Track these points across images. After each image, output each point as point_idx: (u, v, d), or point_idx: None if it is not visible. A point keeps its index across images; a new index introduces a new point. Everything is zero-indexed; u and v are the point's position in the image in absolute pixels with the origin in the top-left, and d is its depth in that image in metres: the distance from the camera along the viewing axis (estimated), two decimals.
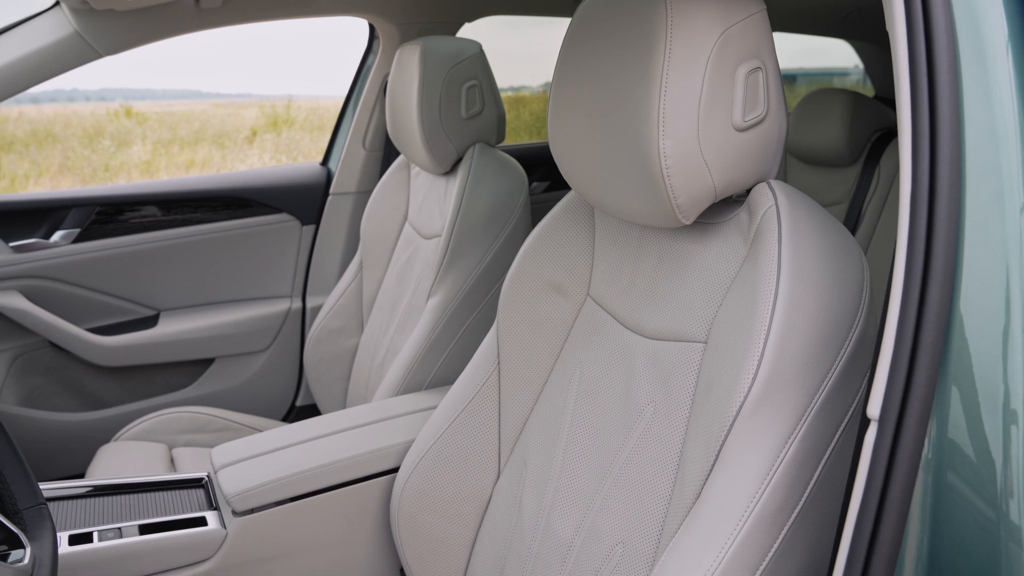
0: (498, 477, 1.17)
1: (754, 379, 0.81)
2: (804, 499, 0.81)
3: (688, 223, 0.92)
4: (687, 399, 0.93)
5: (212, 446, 1.77)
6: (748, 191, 0.93)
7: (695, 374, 0.93)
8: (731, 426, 0.82)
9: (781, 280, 0.82)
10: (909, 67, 0.67)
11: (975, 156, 0.66)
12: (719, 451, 0.83)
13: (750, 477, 0.80)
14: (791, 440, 0.81)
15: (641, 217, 0.94)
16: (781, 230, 0.85)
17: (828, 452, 0.83)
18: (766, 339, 0.81)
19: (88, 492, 1.32)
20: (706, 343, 0.92)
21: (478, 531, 1.18)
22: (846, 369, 0.83)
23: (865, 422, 0.69)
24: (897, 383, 0.65)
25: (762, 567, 0.79)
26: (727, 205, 0.97)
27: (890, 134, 2.25)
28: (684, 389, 0.93)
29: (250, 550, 1.24)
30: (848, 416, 0.84)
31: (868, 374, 0.85)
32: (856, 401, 0.84)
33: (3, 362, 2.06)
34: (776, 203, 0.87)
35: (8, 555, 0.85)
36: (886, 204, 2.15)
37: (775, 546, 0.80)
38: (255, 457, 1.30)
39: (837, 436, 0.83)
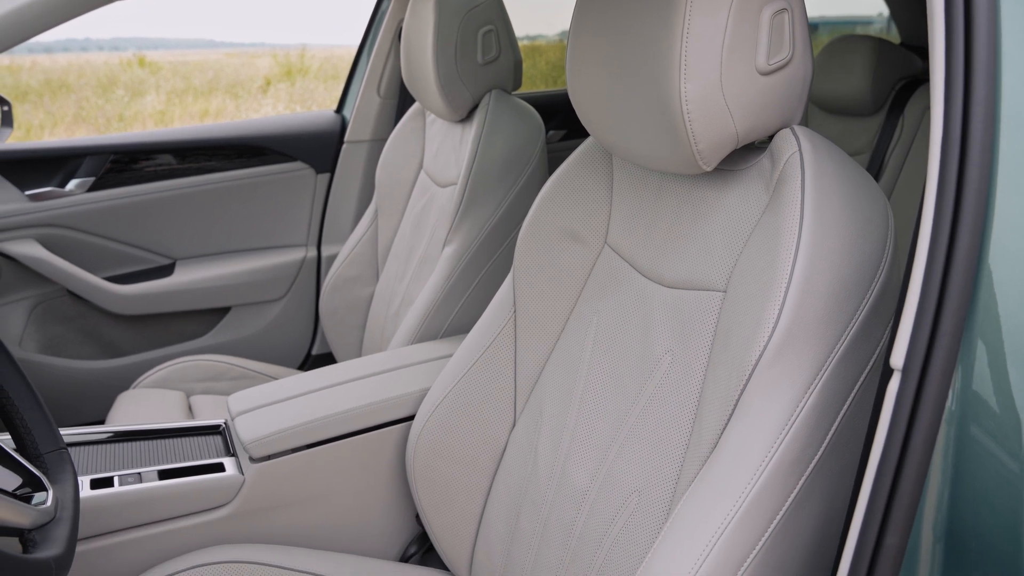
0: (514, 425, 1.17)
1: (774, 328, 0.80)
2: (822, 450, 0.81)
3: (709, 169, 0.90)
4: (705, 348, 0.92)
5: (229, 394, 1.78)
6: (771, 137, 0.91)
7: (713, 323, 0.92)
8: (750, 375, 0.81)
9: (804, 227, 0.80)
10: (944, 2, 0.65)
11: (1011, 98, 0.64)
12: (737, 400, 0.83)
13: (768, 427, 0.79)
14: (810, 390, 0.80)
15: (661, 163, 0.92)
16: (804, 177, 0.83)
17: (848, 403, 0.82)
18: (787, 287, 0.79)
19: (108, 438, 1.33)
20: (725, 292, 0.91)
21: (493, 479, 1.19)
22: (868, 318, 0.82)
23: (888, 372, 0.68)
24: (922, 333, 0.64)
25: (778, 517, 0.79)
26: (749, 151, 0.95)
27: (916, 82, 2.20)
28: (702, 338, 0.92)
29: (267, 496, 1.25)
30: (869, 366, 0.83)
31: (891, 324, 0.84)
32: (877, 351, 0.83)
33: (23, 310, 2.07)
34: (800, 149, 0.85)
35: (31, 497, 0.86)
36: (909, 154, 2.11)
37: (792, 496, 0.80)
38: (271, 404, 1.31)
39: (857, 387, 0.82)
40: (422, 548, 1.39)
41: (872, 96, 2.15)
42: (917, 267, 0.65)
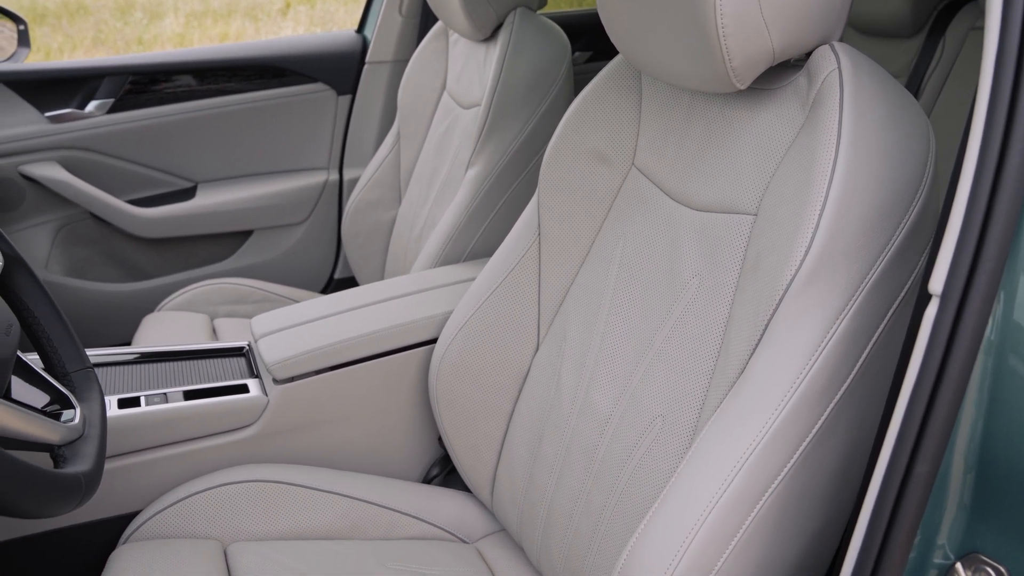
0: (537, 349, 1.17)
1: (807, 252, 0.77)
2: (852, 377, 0.79)
3: (742, 88, 0.86)
4: (734, 273, 0.90)
5: (252, 317, 1.79)
6: (808, 54, 0.87)
7: (743, 247, 0.89)
8: (780, 301, 0.79)
9: (841, 148, 0.78)
10: None
11: None
12: (766, 326, 0.81)
13: (797, 353, 0.78)
14: (842, 316, 0.78)
15: (692, 81, 0.89)
16: (843, 95, 0.80)
17: (880, 330, 0.80)
18: (822, 210, 0.77)
19: (134, 359, 1.34)
20: (756, 215, 0.89)
21: (516, 402, 1.19)
22: (905, 243, 0.79)
23: (925, 298, 0.66)
24: (964, 257, 0.62)
25: (805, 444, 0.78)
26: (785, 69, 0.91)
27: (957, 4, 2.10)
28: (731, 262, 0.90)
29: (291, 417, 1.26)
30: (903, 293, 0.81)
31: (928, 249, 0.82)
32: (912, 278, 0.81)
33: (47, 233, 2.08)
34: (839, 67, 0.82)
35: (60, 415, 0.87)
36: (949, 78, 2.03)
37: (819, 424, 0.79)
38: (294, 327, 1.31)
39: (890, 314, 0.80)
40: (444, 470, 1.40)
41: (912, 17, 2.06)
42: (962, 188, 0.62)
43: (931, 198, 0.81)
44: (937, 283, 0.64)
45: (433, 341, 1.31)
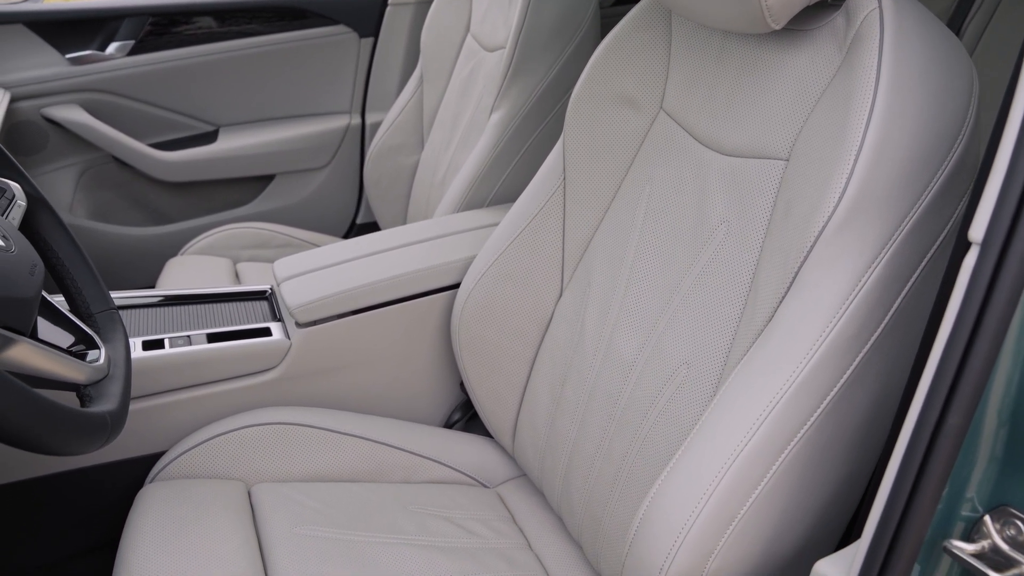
0: (560, 295, 1.16)
1: (840, 198, 0.75)
2: (883, 327, 0.78)
3: (777, 28, 0.83)
4: (763, 219, 0.88)
5: (274, 261, 1.79)
6: None
7: (774, 193, 0.87)
8: (811, 248, 0.78)
9: (879, 91, 0.75)
10: None
11: None
12: (796, 274, 0.80)
13: (828, 301, 0.77)
14: (874, 265, 0.76)
15: (724, 21, 0.86)
16: (883, 36, 0.77)
17: (913, 278, 0.78)
18: (857, 155, 0.75)
19: (158, 301, 1.35)
20: (787, 160, 0.86)
21: (539, 348, 1.18)
22: (943, 190, 0.77)
23: (964, 246, 0.64)
24: (1008, 204, 0.60)
25: (832, 393, 0.77)
26: (822, 9, 0.88)
27: None
28: (761, 209, 0.88)
29: (313, 361, 1.26)
30: (939, 241, 0.79)
31: (968, 196, 0.79)
32: (949, 226, 0.79)
33: (71, 176, 2.08)
34: (880, 5, 0.79)
35: (85, 355, 0.87)
36: (992, 20, 1.97)
37: (848, 373, 0.77)
38: (317, 271, 1.31)
39: (924, 262, 0.78)
40: (466, 415, 1.40)
41: None
42: (1008, 132, 0.60)
43: (972, 143, 0.78)
44: (978, 231, 0.61)
45: (456, 286, 1.31)
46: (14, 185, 0.95)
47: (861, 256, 0.76)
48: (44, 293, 0.85)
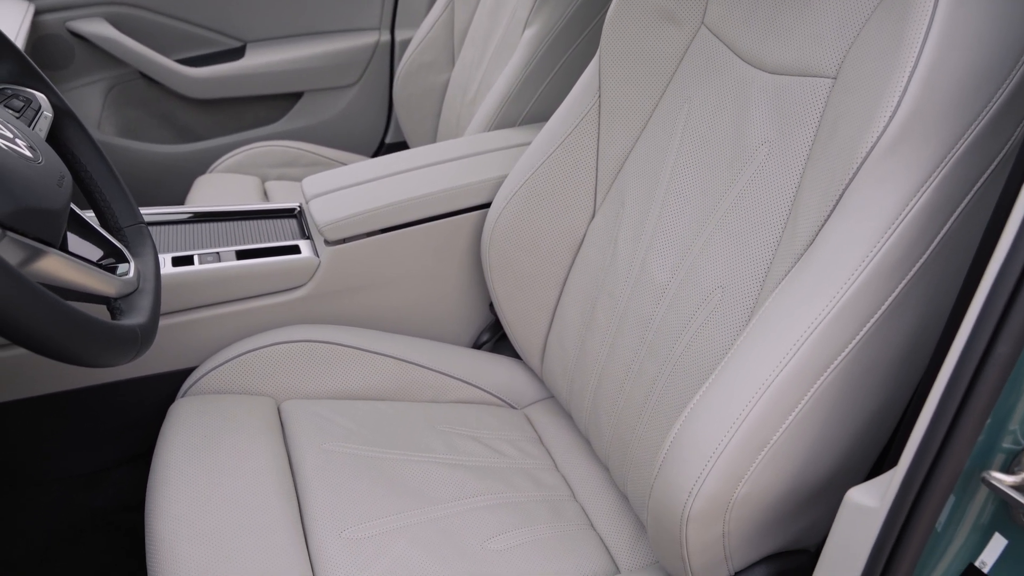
0: (593, 216, 1.14)
1: (891, 118, 0.72)
2: (929, 252, 0.75)
3: None
4: (807, 140, 0.85)
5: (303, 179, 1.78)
6: None
7: (819, 112, 0.84)
8: (857, 170, 0.75)
9: (939, 3, 0.71)
10: None
11: None
12: (840, 196, 0.77)
13: (873, 225, 0.74)
14: (924, 187, 0.73)
15: None
16: None
17: (965, 203, 0.75)
18: (912, 72, 0.71)
19: (187, 218, 1.34)
20: (835, 78, 0.82)
21: (570, 269, 1.17)
22: (1001, 111, 0.73)
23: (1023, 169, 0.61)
24: None
25: (873, 320, 0.75)
26: None
27: None
28: (805, 129, 0.85)
29: (342, 279, 1.26)
30: (995, 164, 0.75)
31: None
32: (1006, 148, 0.75)
33: (98, 92, 2.07)
34: None
35: (115, 268, 0.87)
36: None
37: (890, 300, 0.75)
38: (346, 188, 1.29)
39: (977, 186, 0.75)
40: (495, 336, 1.40)
41: None
42: None
43: None
44: None
45: (486, 206, 1.28)
46: (40, 96, 0.94)
47: (910, 179, 0.73)
48: (73, 206, 0.85)
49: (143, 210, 1.30)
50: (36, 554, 1.28)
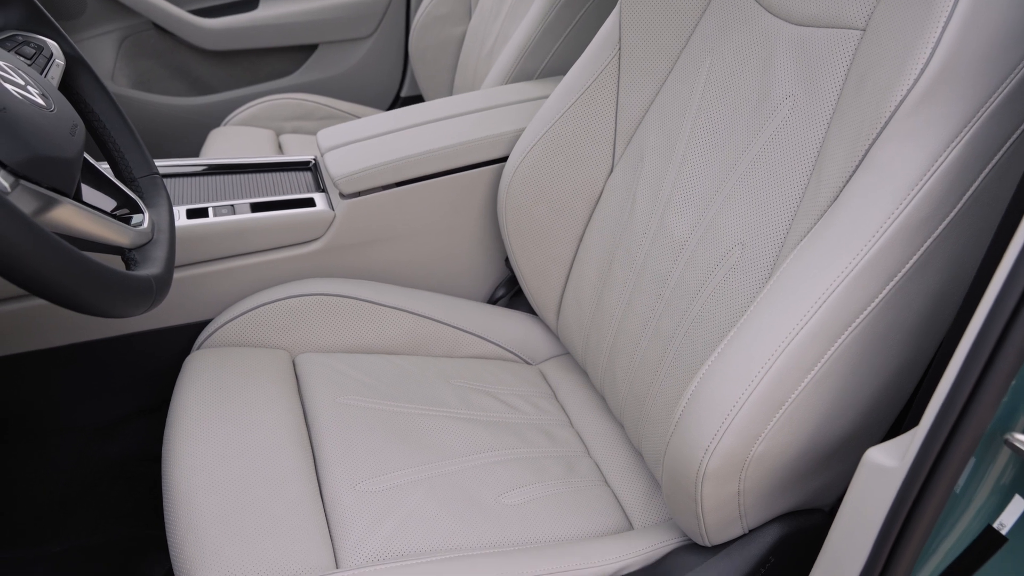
0: (611, 171, 1.12)
1: (922, 71, 0.70)
2: (957, 209, 0.73)
3: None
4: (833, 93, 0.83)
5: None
6: None
7: (846, 65, 0.81)
8: (885, 124, 0.73)
9: None
10: None
11: None
12: (866, 152, 0.75)
13: (899, 181, 0.72)
14: (954, 144, 0.71)
15: None
16: None
17: (995, 161, 0.73)
18: (946, 23, 0.69)
19: (202, 170, 1.33)
20: (864, 30, 0.80)
21: (587, 225, 1.15)
22: None
23: None
24: None
25: (896, 279, 0.74)
26: None
27: None
28: (831, 82, 0.83)
29: (357, 233, 1.25)
30: None
31: None
32: None
33: (111, 43, 2.05)
34: None
35: (129, 219, 0.86)
36: None
37: (915, 258, 0.74)
38: (361, 141, 1.28)
39: (1009, 143, 0.73)
40: (510, 291, 1.39)
41: None
42: None
43: None
44: None
45: (503, 159, 1.27)
46: (51, 43, 0.93)
47: (940, 134, 0.71)
48: (87, 156, 0.84)
49: (158, 162, 1.29)
50: (57, 501, 1.30)
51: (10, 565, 1.27)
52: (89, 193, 0.83)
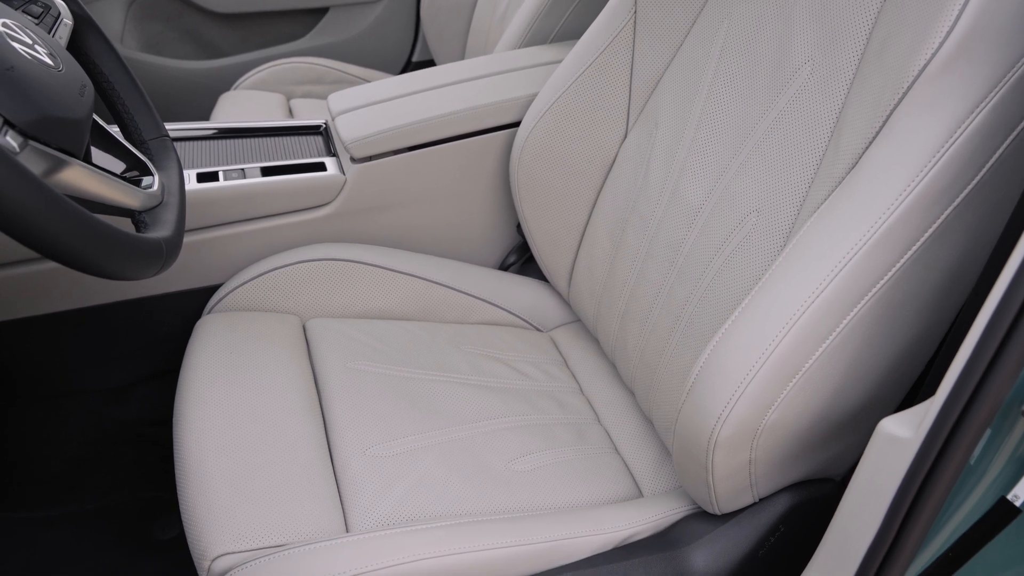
0: (625, 136, 1.10)
1: (948, 34, 0.68)
2: (979, 178, 0.72)
3: None
4: (854, 58, 0.81)
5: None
6: None
7: (867, 29, 0.80)
8: (908, 89, 0.71)
9: None
10: None
11: None
12: (887, 117, 0.73)
13: (920, 148, 0.71)
14: (978, 110, 0.69)
15: None
16: None
17: (1019, 129, 0.71)
18: None
19: (212, 134, 1.33)
20: None
21: (600, 191, 1.14)
22: None
23: None
24: None
25: (914, 248, 0.73)
26: None
27: None
28: (852, 47, 0.81)
29: (368, 197, 1.24)
30: None
31: None
32: None
33: (120, 6, 2.03)
34: None
35: (139, 181, 0.86)
36: None
37: (934, 227, 0.72)
38: (373, 105, 1.26)
39: None
40: (521, 258, 1.38)
41: None
42: None
43: None
44: None
45: (516, 124, 1.25)
46: (59, 2, 0.92)
47: (964, 100, 0.70)
48: (96, 118, 0.83)
49: (167, 126, 1.28)
50: (71, 463, 1.31)
51: (26, 524, 1.29)
52: (98, 155, 0.82)
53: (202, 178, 1.18)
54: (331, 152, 1.29)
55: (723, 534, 0.86)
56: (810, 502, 0.87)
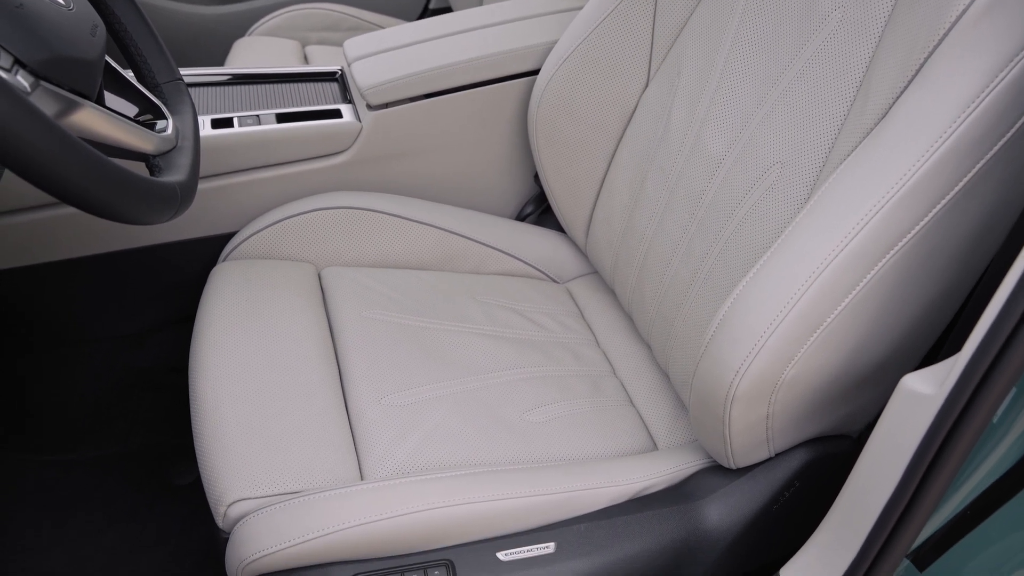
0: (646, 85, 1.08)
1: None
2: (1013, 131, 0.70)
3: None
4: (887, 3, 0.78)
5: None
6: None
7: None
8: (945, 35, 0.69)
9: None
10: None
11: None
12: (921, 65, 0.71)
13: (954, 99, 0.68)
14: (1018, 59, 0.67)
15: None
16: None
17: None
18: None
19: (227, 80, 1.31)
20: None
21: (620, 141, 1.12)
22: None
23: None
24: None
25: (943, 202, 0.71)
26: None
27: None
28: None
29: (384, 145, 1.23)
30: None
31: None
32: None
33: None
34: None
35: (153, 125, 0.84)
36: None
37: (965, 180, 0.70)
38: (389, 51, 1.24)
39: None
40: (539, 208, 1.37)
41: None
42: None
43: None
44: None
45: (535, 72, 1.23)
46: None
47: (1001, 49, 0.67)
48: (109, 59, 0.82)
49: (181, 70, 1.26)
50: (88, 409, 1.32)
51: (45, 467, 1.31)
52: (111, 99, 0.81)
53: (216, 124, 1.16)
54: (347, 99, 1.27)
55: (738, 488, 0.86)
56: (826, 458, 0.87)
